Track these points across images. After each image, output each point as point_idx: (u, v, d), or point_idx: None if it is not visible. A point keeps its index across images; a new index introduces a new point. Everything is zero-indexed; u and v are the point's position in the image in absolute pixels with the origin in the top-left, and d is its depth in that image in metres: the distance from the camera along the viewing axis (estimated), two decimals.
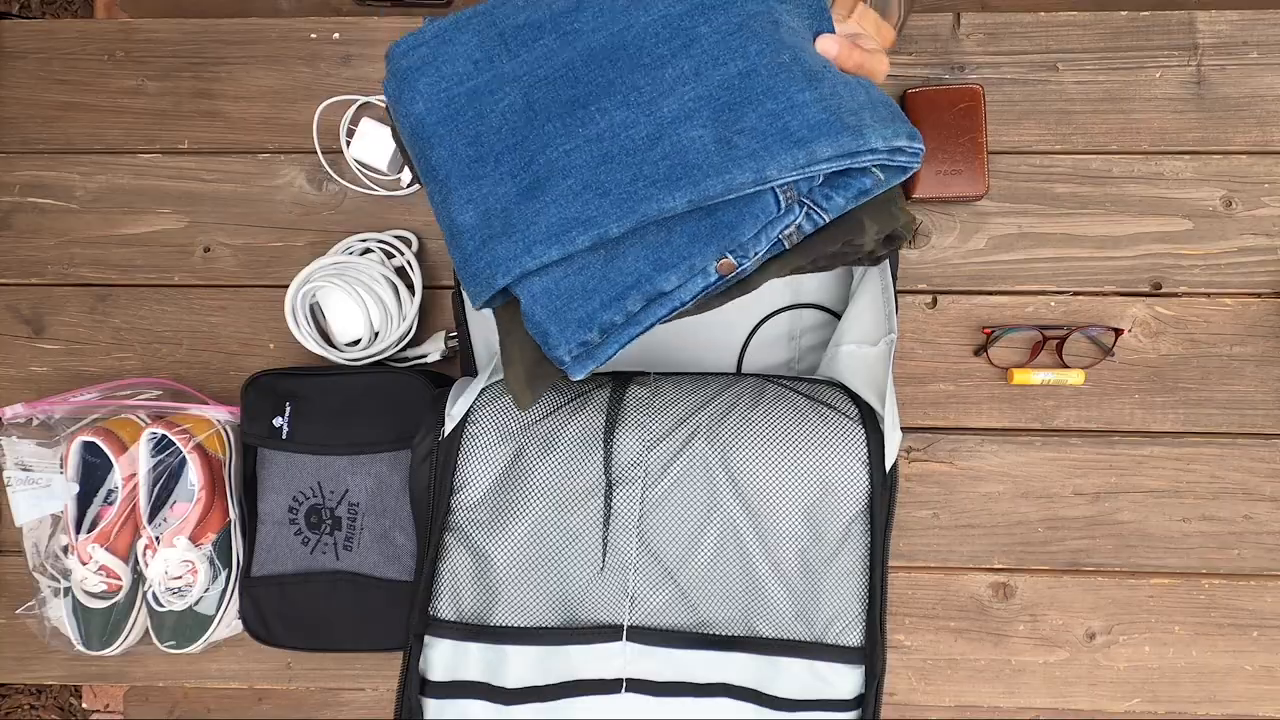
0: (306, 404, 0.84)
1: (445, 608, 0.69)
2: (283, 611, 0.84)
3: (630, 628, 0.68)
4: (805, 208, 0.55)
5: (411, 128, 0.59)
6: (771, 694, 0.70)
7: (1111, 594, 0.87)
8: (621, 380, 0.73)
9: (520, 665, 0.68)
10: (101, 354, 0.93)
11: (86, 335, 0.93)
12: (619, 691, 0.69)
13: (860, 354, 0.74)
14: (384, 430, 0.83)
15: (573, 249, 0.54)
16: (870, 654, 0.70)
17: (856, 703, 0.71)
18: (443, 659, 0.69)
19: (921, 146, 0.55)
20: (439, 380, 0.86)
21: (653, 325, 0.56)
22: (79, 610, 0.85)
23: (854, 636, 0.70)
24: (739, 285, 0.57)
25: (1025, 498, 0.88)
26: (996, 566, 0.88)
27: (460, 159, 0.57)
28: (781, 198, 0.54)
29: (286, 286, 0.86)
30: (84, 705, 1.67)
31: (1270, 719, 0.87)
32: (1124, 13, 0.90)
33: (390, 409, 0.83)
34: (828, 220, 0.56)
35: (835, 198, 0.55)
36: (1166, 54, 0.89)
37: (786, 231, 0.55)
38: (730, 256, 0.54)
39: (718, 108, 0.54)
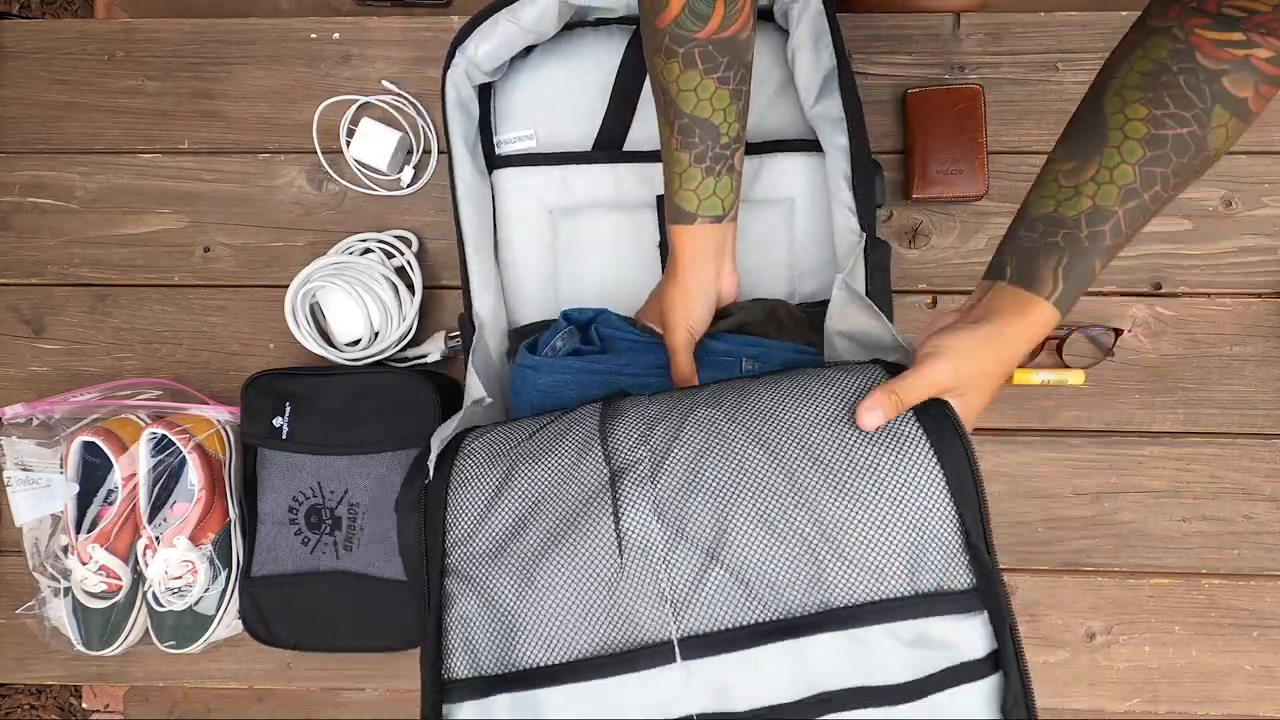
0: (306, 404, 0.84)
1: (460, 665, 0.57)
2: (283, 611, 0.84)
3: (682, 640, 0.53)
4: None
5: (534, 396, 0.77)
6: (880, 685, 0.52)
7: (1111, 594, 0.87)
8: (614, 394, 0.69)
9: (561, 714, 0.54)
10: (101, 354, 0.93)
11: (86, 335, 0.93)
12: None
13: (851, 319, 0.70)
14: (384, 430, 0.83)
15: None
16: (988, 590, 0.52)
17: (993, 660, 0.52)
18: None
19: None
20: (439, 380, 0.86)
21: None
22: (79, 610, 0.85)
23: (961, 577, 0.53)
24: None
25: (1025, 498, 0.88)
26: None
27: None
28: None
29: (286, 286, 0.86)
30: (84, 705, 1.67)
31: (1270, 719, 0.87)
32: (1124, 13, 0.90)
33: (390, 409, 0.83)
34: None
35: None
36: None
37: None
38: None
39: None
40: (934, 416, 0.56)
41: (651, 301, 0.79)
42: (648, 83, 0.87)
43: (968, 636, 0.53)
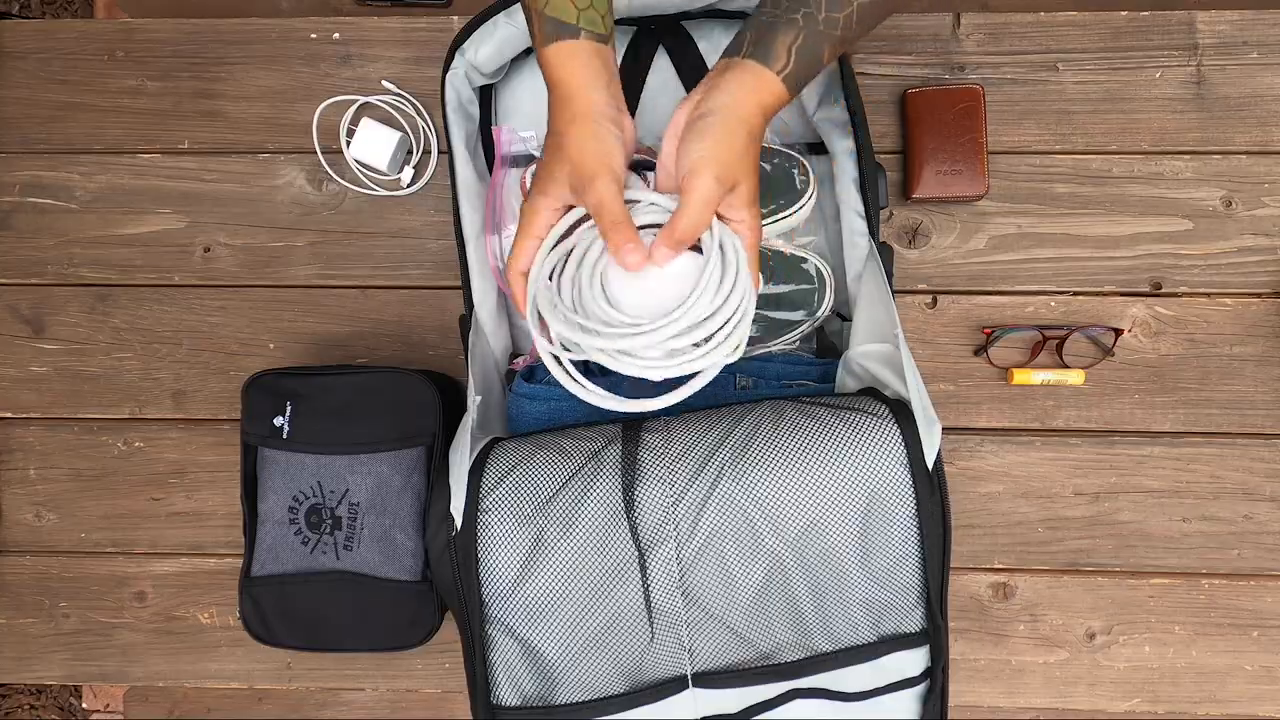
0: (307, 404, 0.84)
1: (508, 695, 0.68)
2: (283, 611, 0.84)
3: (695, 675, 0.68)
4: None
5: (530, 424, 0.80)
6: (842, 690, 0.70)
7: (1111, 594, 0.87)
8: (631, 432, 0.70)
9: None
10: (101, 354, 0.93)
11: (86, 335, 0.93)
12: None
13: (876, 351, 0.74)
14: (384, 430, 0.83)
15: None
16: (934, 632, 0.67)
17: (925, 675, 0.70)
18: None
19: None
20: (440, 380, 0.86)
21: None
22: None
23: (914, 623, 0.68)
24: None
25: (1025, 498, 0.88)
26: (996, 566, 0.88)
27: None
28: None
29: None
30: (84, 705, 1.67)
31: (1270, 719, 0.87)
32: (1124, 13, 0.90)
33: (390, 409, 0.83)
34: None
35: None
36: (1166, 54, 0.89)
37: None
38: None
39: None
40: (930, 508, 0.65)
41: (545, 167, 0.63)
42: (650, 83, 0.87)
43: (912, 662, 0.69)
